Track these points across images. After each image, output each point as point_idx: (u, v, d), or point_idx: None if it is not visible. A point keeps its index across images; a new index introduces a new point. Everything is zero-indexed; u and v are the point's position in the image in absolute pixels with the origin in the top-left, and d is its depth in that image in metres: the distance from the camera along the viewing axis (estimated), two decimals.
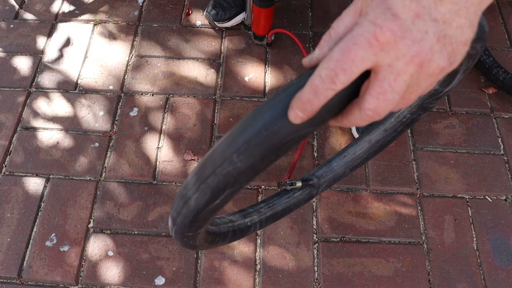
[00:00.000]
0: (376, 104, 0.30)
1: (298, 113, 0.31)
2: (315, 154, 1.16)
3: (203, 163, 0.39)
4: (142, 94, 1.26)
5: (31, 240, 1.03)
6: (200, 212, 0.41)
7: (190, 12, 1.43)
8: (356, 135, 1.15)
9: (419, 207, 1.09)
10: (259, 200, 1.08)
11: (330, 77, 0.29)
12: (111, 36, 1.37)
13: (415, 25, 0.28)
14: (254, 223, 0.71)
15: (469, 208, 1.09)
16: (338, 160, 0.80)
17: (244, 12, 1.35)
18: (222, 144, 0.37)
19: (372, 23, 0.28)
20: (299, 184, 0.76)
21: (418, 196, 1.11)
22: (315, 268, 1.01)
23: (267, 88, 1.28)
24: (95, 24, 1.39)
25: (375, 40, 0.28)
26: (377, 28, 0.28)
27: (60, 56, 1.33)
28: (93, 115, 1.21)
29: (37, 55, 1.32)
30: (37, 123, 1.20)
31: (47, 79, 1.28)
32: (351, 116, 0.32)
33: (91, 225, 1.05)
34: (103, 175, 1.12)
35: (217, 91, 1.26)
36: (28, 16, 1.40)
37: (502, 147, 1.19)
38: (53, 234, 1.03)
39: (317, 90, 0.30)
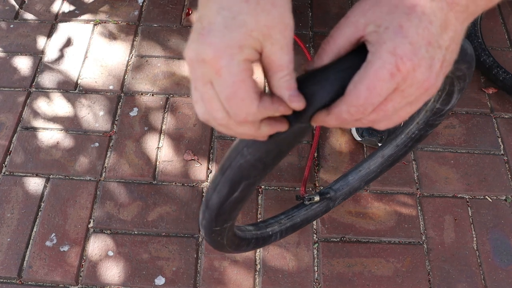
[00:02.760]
0: (374, 117, 0.32)
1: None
2: (315, 154, 1.17)
3: (224, 158, 0.44)
4: (142, 94, 1.26)
5: (31, 240, 1.03)
6: (223, 204, 0.45)
7: (190, 12, 1.43)
8: (356, 136, 1.15)
9: (419, 207, 1.09)
10: (259, 199, 1.09)
11: (360, 113, 0.31)
12: (111, 36, 1.37)
13: (428, 52, 0.29)
14: (275, 233, 0.75)
15: (469, 208, 1.09)
16: (353, 174, 0.84)
17: None
18: (236, 141, 0.42)
19: (392, 54, 0.29)
20: (317, 198, 0.80)
21: (418, 196, 1.11)
22: (315, 268, 1.01)
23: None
24: (95, 24, 1.39)
25: (397, 71, 0.29)
26: (398, 59, 0.29)
27: (60, 56, 1.33)
28: (93, 115, 1.21)
29: (37, 55, 1.32)
30: (37, 123, 1.20)
31: (47, 79, 1.28)
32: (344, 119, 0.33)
33: (91, 225, 1.05)
34: (103, 175, 1.12)
35: None
36: (28, 16, 1.40)
37: (502, 147, 1.19)
38: (53, 234, 1.03)
39: (345, 122, 0.32)
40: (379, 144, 1.14)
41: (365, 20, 0.31)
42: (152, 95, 1.26)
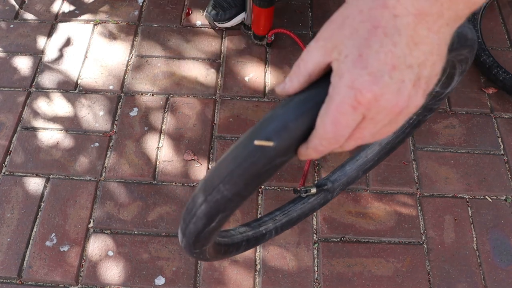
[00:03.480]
0: (354, 143, 0.33)
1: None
2: None
3: (197, 190, 0.43)
4: (142, 94, 1.26)
5: (31, 240, 1.03)
6: (200, 233, 0.46)
7: (190, 12, 1.43)
8: None
9: (419, 207, 1.09)
10: (259, 199, 1.09)
11: (331, 143, 0.32)
12: (111, 36, 1.37)
13: (392, 78, 0.28)
14: (269, 231, 0.74)
15: (469, 208, 1.09)
16: (351, 164, 0.82)
17: (244, 12, 1.35)
18: (211, 174, 0.41)
19: (350, 88, 0.28)
20: (313, 190, 0.78)
21: (418, 196, 1.11)
22: (315, 268, 1.01)
23: (267, 88, 1.28)
24: (95, 24, 1.39)
25: (358, 104, 0.29)
26: (357, 92, 0.28)
27: (60, 56, 1.33)
28: (93, 115, 1.21)
29: (37, 55, 1.32)
30: (37, 123, 1.20)
31: (47, 79, 1.28)
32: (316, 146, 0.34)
33: (91, 225, 1.05)
34: (103, 175, 1.12)
35: (217, 91, 1.26)
36: (28, 16, 1.41)
37: (502, 147, 1.19)
38: (53, 234, 1.03)
39: (323, 152, 0.33)
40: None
41: (331, 45, 0.30)
42: (152, 95, 1.26)
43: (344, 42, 0.29)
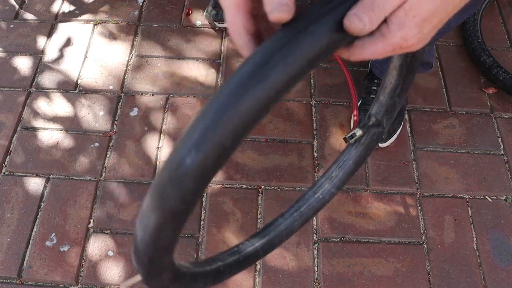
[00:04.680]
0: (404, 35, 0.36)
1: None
2: (315, 154, 1.16)
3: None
4: (142, 94, 1.26)
5: (31, 240, 1.03)
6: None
7: (190, 12, 1.43)
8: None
9: (419, 207, 1.09)
10: (259, 199, 1.08)
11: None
12: (111, 36, 1.37)
13: (429, 33, 0.35)
14: (328, 192, 0.68)
15: (469, 208, 1.09)
16: (382, 94, 0.77)
17: None
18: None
19: (402, 39, 0.34)
20: (359, 132, 0.72)
21: (418, 196, 1.11)
22: (315, 268, 1.01)
23: None
24: (95, 24, 1.39)
25: (399, 47, 0.35)
26: (404, 41, 0.34)
27: (60, 56, 1.33)
28: (93, 115, 1.21)
29: (37, 55, 1.32)
30: (37, 123, 1.20)
31: (47, 79, 1.28)
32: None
33: (91, 225, 1.05)
34: (103, 175, 1.12)
35: None
36: (28, 16, 1.41)
37: (502, 147, 1.19)
38: (53, 234, 1.03)
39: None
40: (379, 144, 1.14)
41: None
42: (152, 95, 1.26)
43: (423, 2, 0.33)
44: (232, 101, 0.30)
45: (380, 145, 1.14)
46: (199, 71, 1.30)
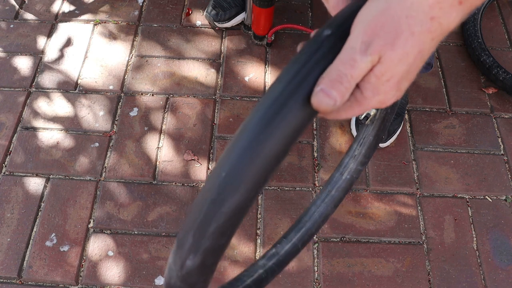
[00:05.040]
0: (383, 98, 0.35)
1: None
2: (315, 154, 1.16)
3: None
4: (142, 94, 1.26)
5: (31, 240, 1.03)
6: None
7: (190, 12, 1.43)
8: (355, 133, 1.15)
9: (419, 207, 1.09)
10: (259, 199, 1.08)
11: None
12: (111, 36, 1.37)
13: (406, 87, 0.33)
14: (355, 170, 0.66)
15: (469, 208, 1.09)
16: None
17: (244, 12, 1.35)
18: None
19: (379, 103, 0.33)
20: (373, 111, 0.71)
21: (418, 196, 1.11)
22: (315, 268, 1.01)
23: (267, 88, 1.27)
24: (95, 24, 1.39)
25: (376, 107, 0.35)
26: (383, 104, 0.33)
27: (60, 56, 1.33)
28: (93, 115, 1.21)
29: (37, 55, 1.32)
30: (37, 123, 1.20)
31: (47, 79, 1.28)
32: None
33: (91, 225, 1.05)
34: (103, 175, 1.12)
35: (217, 91, 1.26)
36: (28, 16, 1.40)
37: (502, 147, 1.19)
38: (53, 234, 1.03)
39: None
40: (379, 144, 1.14)
41: (377, 57, 0.31)
42: (152, 95, 1.26)
43: (392, 66, 0.31)
44: (214, 208, 0.32)
45: (380, 145, 1.14)
46: (199, 71, 1.30)
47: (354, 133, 1.17)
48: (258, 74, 1.30)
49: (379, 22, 0.30)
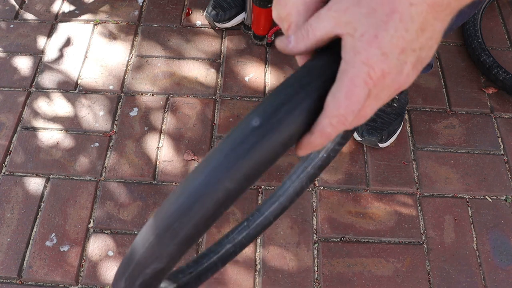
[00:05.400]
0: (356, 123, 0.34)
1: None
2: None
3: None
4: (142, 94, 1.26)
5: (31, 240, 1.03)
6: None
7: (190, 12, 1.43)
8: (356, 136, 1.15)
9: (419, 207, 1.09)
10: (259, 199, 1.08)
11: (341, 122, 0.32)
12: (111, 36, 1.37)
13: (399, 60, 0.31)
14: (331, 150, 0.66)
15: (469, 208, 1.09)
16: None
17: (244, 12, 1.35)
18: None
19: (365, 64, 0.31)
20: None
21: (418, 196, 1.11)
22: (315, 268, 1.01)
23: (267, 88, 1.28)
24: (95, 24, 1.39)
25: (369, 79, 0.31)
26: (371, 69, 0.31)
27: (60, 56, 1.33)
28: (93, 115, 1.21)
29: (37, 55, 1.32)
30: (37, 123, 1.20)
31: (47, 79, 1.28)
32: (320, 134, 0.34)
33: (91, 225, 1.05)
34: (103, 175, 1.12)
35: (217, 91, 1.26)
36: (28, 16, 1.41)
37: (502, 147, 1.19)
38: (53, 234, 1.03)
39: (330, 136, 0.33)
40: (379, 144, 1.14)
41: (345, 19, 0.31)
42: (152, 95, 1.26)
43: (360, 20, 0.30)
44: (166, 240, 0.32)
45: (380, 145, 1.14)
46: (199, 71, 1.30)
47: (355, 136, 1.16)
48: (258, 74, 1.30)
49: None
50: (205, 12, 1.37)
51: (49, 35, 1.37)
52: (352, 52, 0.31)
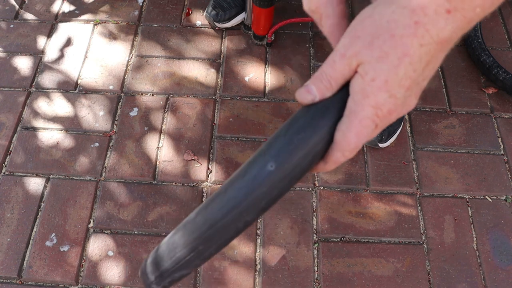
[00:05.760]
0: (359, 148, 0.37)
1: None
2: None
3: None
4: (142, 94, 1.26)
5: (31, 240, 1.03)
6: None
7: (190, 12, 1.43)
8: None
9: (419, 207, 1.09)
10: None
11: (351, 153, 0.35)
12: (111, 36, 1.37)
13: (405, 96, 0.33)
14: None
15: (469, 208, 1.09)
16: None
17: (244, 12, 1.35)
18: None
19: (374, 108, 0.33)
20: None
21: (418, 196, 1.11)
22: (315, 268, 1.01)
23: (267, 88, 1.28)
24: (95, 24, 1.39)
25: (377, 118, 0.33)
26: (378, 110, 0.33)
27: (60, 56, 1.33)
28: (93, 115, 1.21)
29: (37, 55, 1.32)
30: (37, 123, 1.20)
31: (47, 79, 1.28)
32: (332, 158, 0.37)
33: (91, 225, 1.05)
34: (103, 175, 1.12)
35: (217, 91, 1.26)
36: (28, 16, 1.41)
37: (502, 147, 1.19)
38: (53, 234, 1.03)
39: (339, 163, 0.36)
40: (379, 144, 1.14)
41: (356, 61, 0.32)
42: (152, 95, 1.26)
43: (372, 64, 0.31)
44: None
45: (380, 145, 1.14)
46: (199, 71, 1.30)
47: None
48: (258, 74, 1.30)
49: (360, 27, 0.31)
50: (205, 12, 1.37)
51: (49, 35, 1.37)
52: (361, 94, 0.32)
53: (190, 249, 0.38)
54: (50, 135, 1.18)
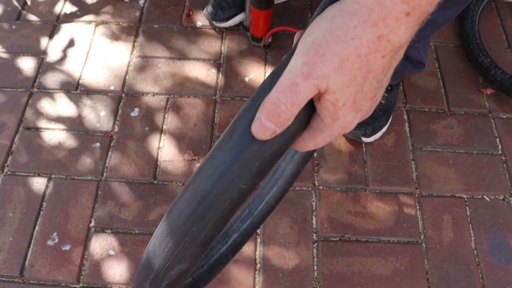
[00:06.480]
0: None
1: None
2: (315, 154, 1.17)
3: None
4: (143, 94, 1.27)
5: (33, 239, 1.04)
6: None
7: (191, 13, 1.44)
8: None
9: (418, 207, 1.10)
10: None
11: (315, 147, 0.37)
12: (113, 37, 1.38)
13: (371, 105, 0.35)
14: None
15: (467, 207, 1.10)
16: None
17: (243, 13, 1.36)
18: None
19: (342, 128, 0.34)
20: None
21: (417, 195, 1.12)
22: (315, 267, 1.01)
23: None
24: (96, 25, 1.40)
25: (343, 131, 0.35)
26: (346, 128, 0.34)
27: (62, 56, 1.33)
28: (94, 115, 1.22)
29: (39, 55, 1.33)
30: (39, 123, 1.21)
31: (49, 80, 1.29)
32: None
33: (92, 224, 1.06)
34: (105, 174, 1.13)
35: (218, 91, 1.27)
36: (30, 17, 1.41)
37: (500, 147, 1.20)
38: (55, 234, 1.04)
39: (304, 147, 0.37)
40: (363, 138, 1.14)
41: (325, 85, 0.30)
42: (153, 95, 1.27)
43: (343, 90, 0.30)
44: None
45: (364, 139, 1.15)
46: (200, 71, 1.31)
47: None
48: (258, 75, 1.31)
49: (324, 43, 0.29)
50: (204, 11, 1.38)
51: (51, 36, 1.38)
52: (331, 118, 0.32)
53: (182, 234, 0.32)
54: (52, 135, 1.19)
